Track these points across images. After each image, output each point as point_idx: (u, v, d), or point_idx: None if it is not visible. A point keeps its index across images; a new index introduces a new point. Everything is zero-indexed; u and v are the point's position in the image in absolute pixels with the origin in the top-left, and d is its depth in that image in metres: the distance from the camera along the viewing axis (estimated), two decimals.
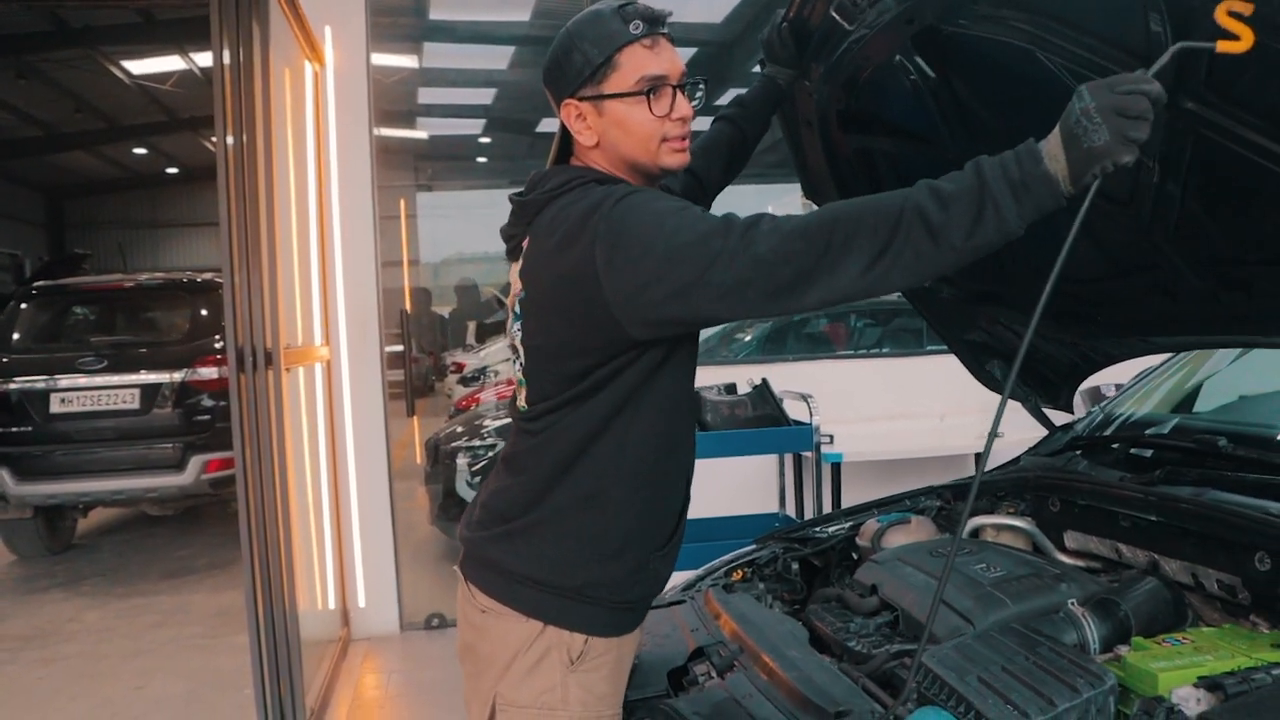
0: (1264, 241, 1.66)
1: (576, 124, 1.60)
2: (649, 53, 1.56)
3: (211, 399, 6.40)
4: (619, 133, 1.58)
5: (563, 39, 1.60)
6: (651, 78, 1.56)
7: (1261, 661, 1.42)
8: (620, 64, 1.55)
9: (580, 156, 1.65)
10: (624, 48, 1.55)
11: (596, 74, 1.56)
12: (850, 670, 1.73)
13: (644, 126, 1.57)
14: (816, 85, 2.02)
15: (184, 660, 4.79)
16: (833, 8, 1.78)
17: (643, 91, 1.55)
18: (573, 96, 1.59)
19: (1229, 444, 2.01)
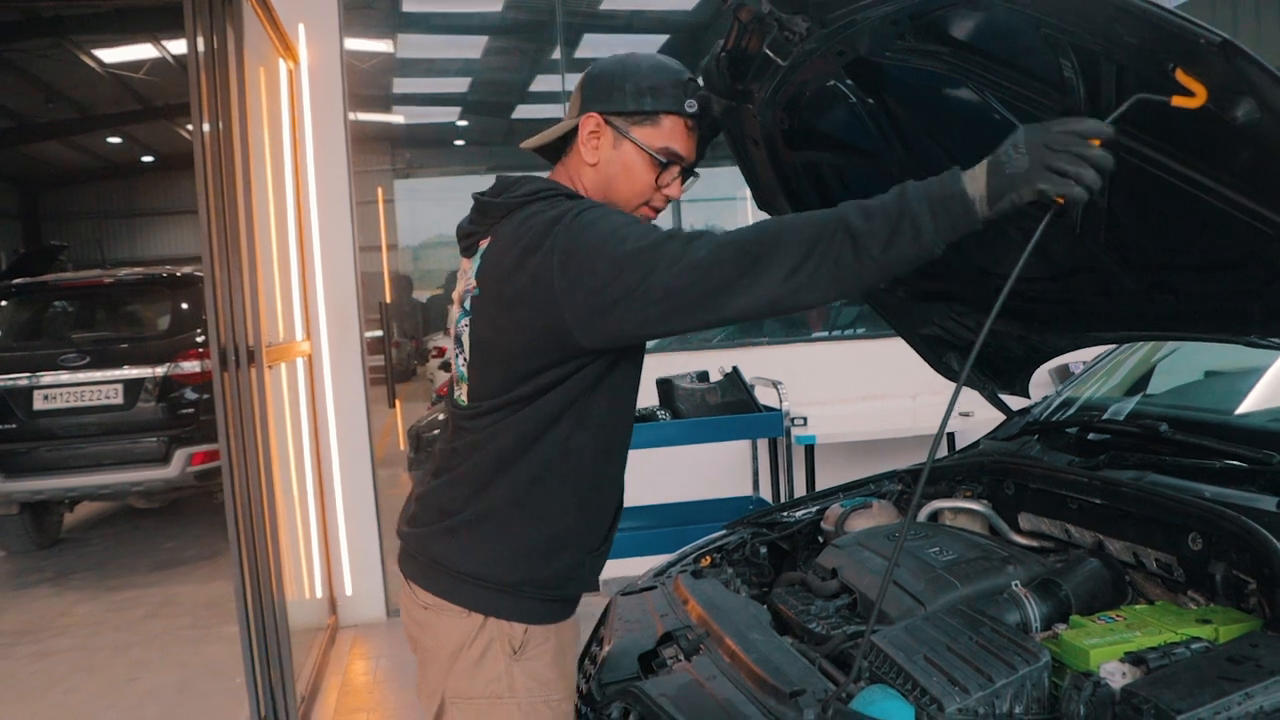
0: (1185, 250, 1.76)
1: (589, 137, 1.69)
2: (685, 132, 1.71)
3: (195, 392, 6.45)
4: (619, 171, 1.69)
5: (628, 65, 1.70)
6: (673, 154, 1.70)
7: (1185, 636, 1.52)
8: (660, 124, 1.68)
9: (570, 163, 1.74)
10: (671, 114, 1.68)
11: (635, 116, 1.68)
12: (808, 651, 1.82)
13: (642, 183, 1.70)
14: (759, 108, 2.10)
15: (175, 651, 4.87)
16: (765, 44, 1.86)
17: (660, 160, 1.68)
18: (601, 114, 1.68)
19: (1170, 429, 2.11)
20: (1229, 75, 1.23)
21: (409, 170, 10.68)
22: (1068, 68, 1.51)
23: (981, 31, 1.63)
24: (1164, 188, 1.60)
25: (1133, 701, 1.35)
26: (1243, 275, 1.69)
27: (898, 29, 1.71)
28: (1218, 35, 1.20)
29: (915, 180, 1.42)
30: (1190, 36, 1.23)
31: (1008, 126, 1.83)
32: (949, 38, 1.69)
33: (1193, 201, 1.58)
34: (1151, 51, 1.30)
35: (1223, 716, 1.29)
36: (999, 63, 1.67)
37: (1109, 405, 2.65)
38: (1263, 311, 1.70)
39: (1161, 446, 2.10)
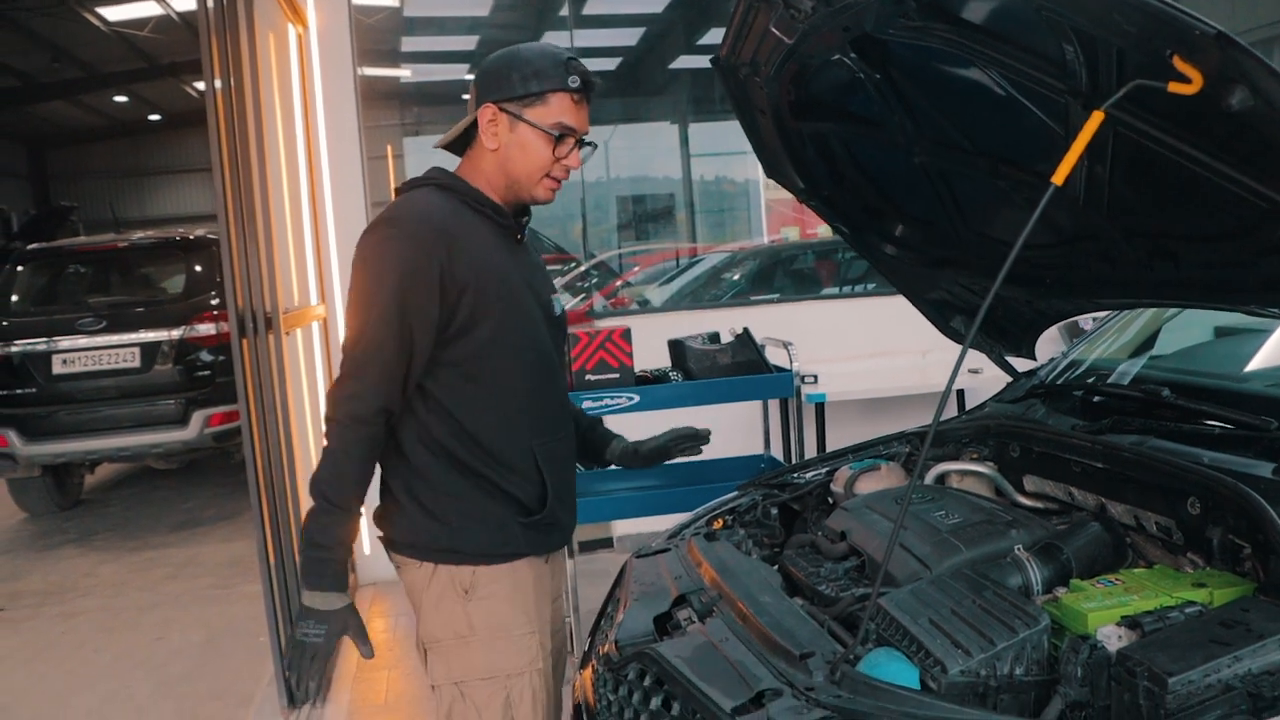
0: (1184, 220, 1.79)
1: (488, 126, 1.88)
2: (573, 106, 1.88)
3: (210, 354, 6.54)
4: (518, 151, 1.88)
5: (510, 56, 1.89)
6: (565, 127, 1.87)
7: (1180, 600, 1.58)
8: (548, 102, 1.86)
9: (474, 153, 1.93)
10: (557, 92, 1.86)
11: (525, 99, 1.85)
12: (817, 613, 1.89)
13: (539, 158, 1.88)
14: (765, 82, 2.12)
15: (199, 610, 5.00)
16: (772, 23, 1.89)
17: (554, 134, 1.86)
18: (495, 103, 1.86)
19: (1171, 395, 2.15)
20: (1224, 64, 1.26)
21: (418, 127, 10.65)
22: (1069, 49, 1.54)
23: (984, 11, 1.66)
24: (1163, 162, 1.63)
25: (1127, 664, 1.40)
26: (1239, 246, 1.72)
27: (901, 8, 1.74)
28: (1212, 27, 1.24)
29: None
30: (1186, 27, 1.26)
31: (1011, 101, 1.87)
32: (952, 17, 1.71)
33: (1191, 176, 1.61)
34: (1149, 39, 1.33)
35: (1212, 678, 1.35)
36: (1002, 41, 1.69)
37: (1116, 366, 2.69)
38: (1259, 282, 1.74)
39: (1164, 411, 2.14)
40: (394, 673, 3.98)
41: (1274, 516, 1.60)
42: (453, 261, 1.80)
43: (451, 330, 1.83)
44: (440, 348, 1.83)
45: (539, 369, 1.96)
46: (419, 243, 1.79)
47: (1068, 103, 1.72)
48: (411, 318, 1.78)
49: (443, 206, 1.87)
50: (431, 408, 1.87)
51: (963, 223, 2.42)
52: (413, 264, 1.77)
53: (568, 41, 6.57)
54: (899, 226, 2.61)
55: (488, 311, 1.85)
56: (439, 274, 1.78)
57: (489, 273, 1.86)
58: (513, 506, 1.93)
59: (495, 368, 1.88)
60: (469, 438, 1.88)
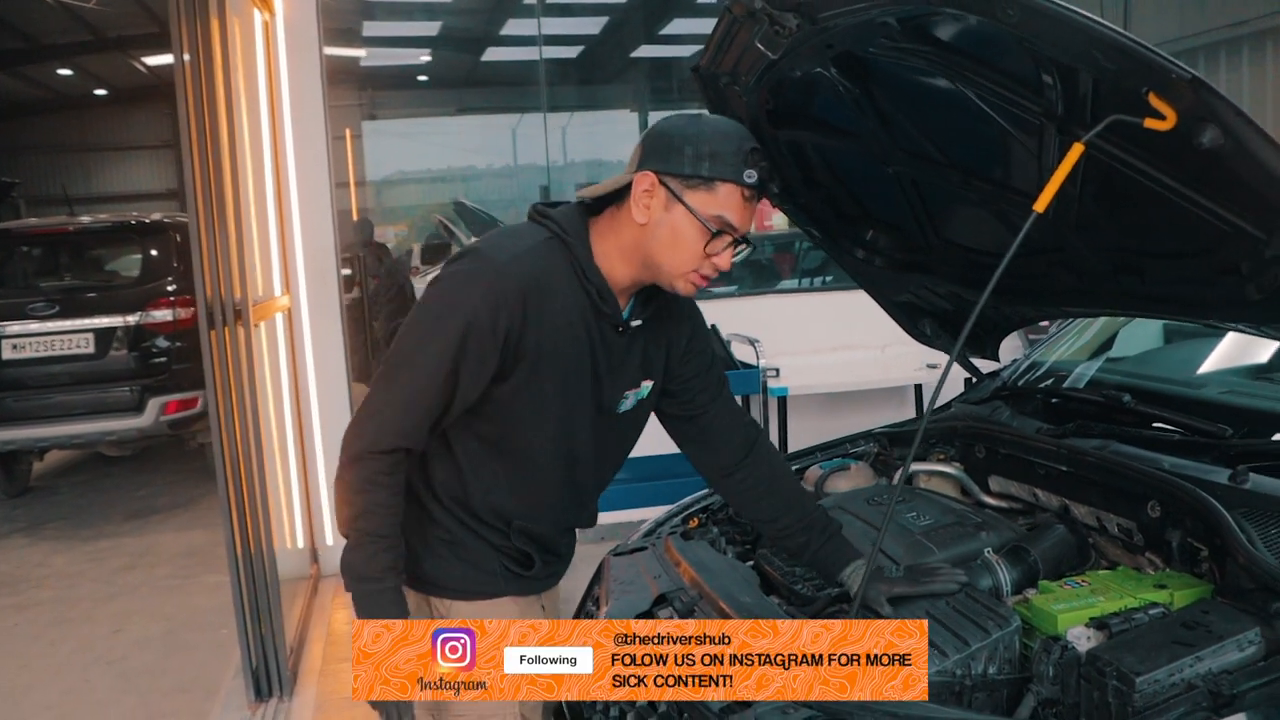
0: (1149, 238, 1.87)
1: (641, 195, 1.65)
2: (741, 202, 1.65)
3: (167, 341, 6.46)
4: (668, 235, 1.65)
5: (690, 127, 1.66)
6: (726, 223, 1.65)
7: (1144, 601, 1.66)
8: (716, 191, 1.63)
9: (618, 216, 1.71)
10: (729, 183, 1.63)
11: (693, 180, 1.63)
12: (795, 613, 1.95)
13: (691, 250, 1.65)
14: (745, 91, 2.17)
15: (158, 601, 4.95)
16: (756, 38, 1.92)
17: (711, 228, 1.64)
18: (658, 173, 1.64)
19: (1132, 400, 2.25)
20: (1197, 104, 1.34)
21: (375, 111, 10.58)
22: (1048, 79, 1.61)
23: (967, 36, 1.72)
24: (1132, 185, 1.70)
25: (1097, 664, 1.49)
26: (1201, 264, 1.81)
27: (886, 29, 1.79)
28: (1188, 71, 1.31)
29: None
30: (1164, 70, 1.33)
31: (986, 119, 1.93)
32: (935, 39, 1.77)
33: (1157, 198, 1.69)
34: (1128, 76, 1.40)
35: (1176, 677, 1.43)
36: (981, 65, 1.76)
37: (1076, 368, 2.79)
38: (1219, 298, 1.82)
39: (1125, 416, 2.23)
40: None
41: (1230, 522, 1.69)
42: (524, 328, 1.64)
43: (492, 391, 1.69)
44: (478, 401, 1.70)
45: (565, 461, 1.80)
46: (499, 297, 1.61)
47: (1042, 125, 1.78)
48: (463, 367, 1.63)
49: (546, 264, 1.68)
50: (441, 452, 1.77)
51: (932, 230, 2.49)
52: (484, 315, 1.61)
53: (534, 29, 6.56)
54: (870, 232, 2.67)
55: (532, 391, 1.70)
56: (505, 335, 1.63)
57: (554, 357, 1.69)
58: (500, 555, 1.82)
59: (516, 446, 1.76)
60: (463, 495, 1.78)
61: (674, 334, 1.88)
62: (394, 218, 14.65)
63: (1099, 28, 1.37)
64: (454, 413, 1.69)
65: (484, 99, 10.57)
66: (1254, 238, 1.59)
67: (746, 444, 1.96)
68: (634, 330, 1.79)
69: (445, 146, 12.21)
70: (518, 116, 10.40)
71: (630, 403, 1.85)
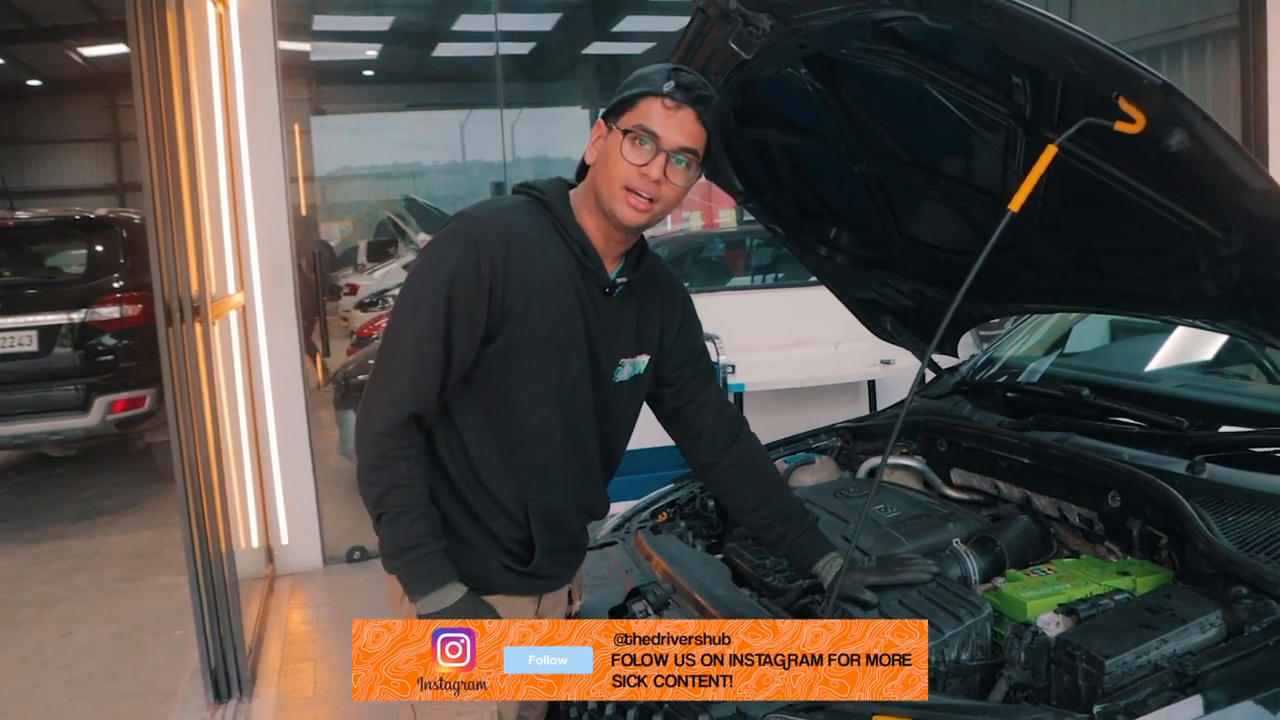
0: (1110, 236, 1.93)
1: (594, 139, 1.75)
2: (663, 111, 1.68)
3: (114, 339, 6.32)
4: (602, 160, 1.72)
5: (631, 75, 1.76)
6: (643, 128, 1.68)
7: (1108, 588, 1.72)
8: (637, 106, 1.69)
9: (588, 174, 1.79)
10: (648, 96, 1.69)
11: (620, 106, 1.71)
12: (770, 605, 1.99)
13: (616, 165, 1.69)
14: (715, 87, 2.19)
15: (108, 604, 4.86)
16: (730, 39, 1.94)
17: (628, 130, 1.68)
18: (604, 117, 1.74)
19: (1091, 394, 2.31)
20: (1166, 109, 1.39)
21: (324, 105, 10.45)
22: (1018, 82, 1.66)
23: (938, 39, 1.76)
24: (1095, 184, 1.76)
25: (1067, 649, 1.53)
26: (1160, 263, 1.88)
27: (859, 32, 1.83)
28: (1159, 77, 1.36)
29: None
30: (1136, 76, 1.39)
31: (954, 120, 1.99)
32: (907, 41, 1.81)
33: (1119, 197, 1.75)
34: (1099, 81, 1.45)
35: (1143, 659, 1.49)
36: (952, 68, 1.81)
37: (1033, 364, 2.86)
38: (1177, 295, 1.89)
39: (1084, 410, 2.30)
40: (320, 665, 3.97)
41: (1190, 510, 1.75)
42: (508, 277, 1.67)
43: (485, 352, 1.70)
44: (471, 366, 1.72)
45: (566, 426, 1.79)
46: (479, 245, 1.66)
47: (1010, 126, 1.84)
48: (455, 321, 1.66)
49: (526, 220, 1.74)
50: (443, 424, 1.77)
51: (896, 228, 2.54)
52: (467, 263, 1.65)
53: (491, 25, 6.54)
54: (834, 229, 2.71)
55: (523, 347, 1.72)
56: (489, 283, 1.66)
57: (541, 308, 1.71)
58: (498, 547, 1.80)
59: (514, 409, 1.75)
60: (469, 467, 1.77)
61: (667, 311, 1.92)
62: (339, 214, 14.47)
63: (1073, 33, 1.42)
64: (454, 375, 1.70)
65: (435, 95, 10.50)
66: (1212, 236, 1.66)
67: (731, 434, 2.00)
68: (624, 295, 1.82)
69: (394, 142, 12.11)
70: (466, 112, 10.34)
71: (626, 373, 1.86)
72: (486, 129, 9.47)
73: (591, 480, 1.91)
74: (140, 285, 6.42)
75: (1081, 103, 1.56)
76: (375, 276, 12.70)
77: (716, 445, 2.00)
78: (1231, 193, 1.49)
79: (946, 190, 2.25)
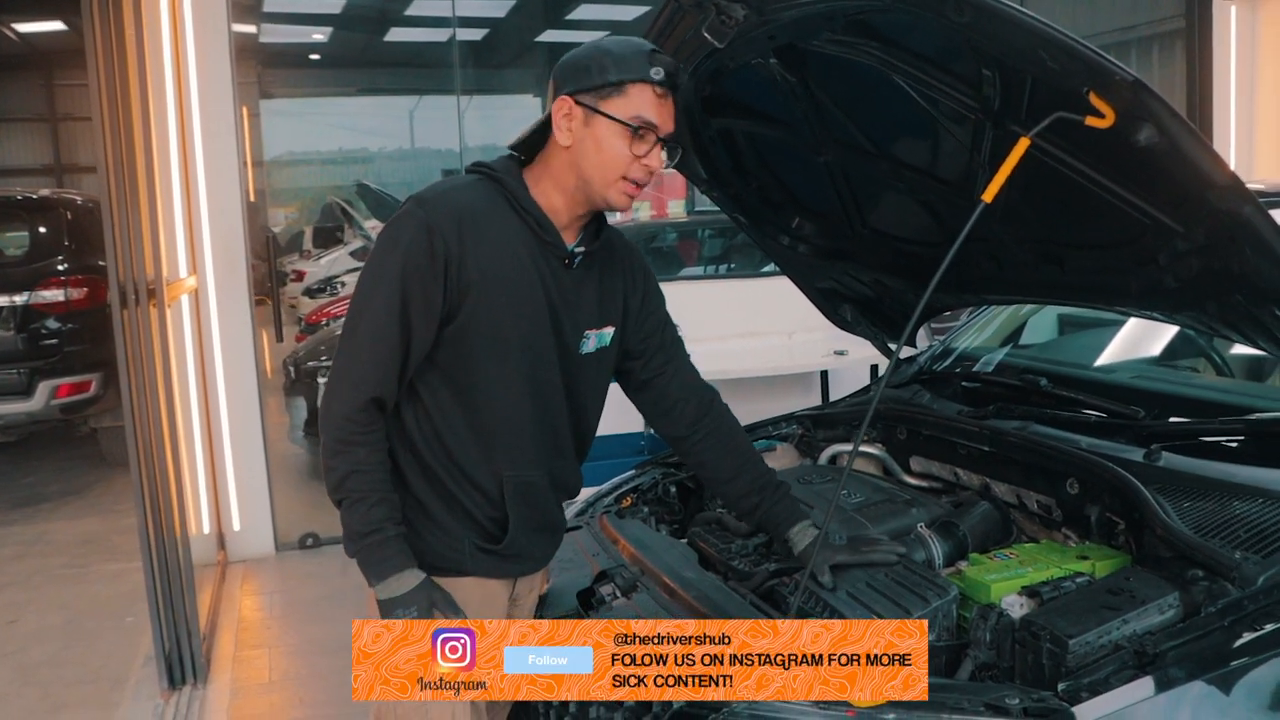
0: (1072, 229, 1.98)
1: (563, 120, 1.71)
2: (656, 100, 1.71)
3: (58, 322, 6.20)
4: (592, 148, 1.70)
5: (592, 48, 1.72)
6: (645, 120, 1.69)
7: (1069, 571, 1.77)
8: (628, 94, 1.69)
9: (546, 152, 1.77)
10: (638, 83, 1.69)
11: (603, 89, 1.69)
12: (737, 587, 2.01)
13: (616, 156, 1.70)
14: (681, 75, 2.21)
15: (54, 591, 4.77)
16: (704, 28, 1.95)
17: (632, 126, 1.69)
18: (572, 95, 1.70)
19: (1049, 384, 2.37)
20: (1135, 104, 1.43)
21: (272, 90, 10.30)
22: (988, 75, 1.69)
23: (911, 32, 1.79)
24: (1059, 177, 1.80)
25: (1031, 629, 1.58)
26: (1121, 256, 1.92)
27: (831, 23, 1.85)
28: (1129, 73, 1.40)
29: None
30: (1107, 71, 1.42)
31: (921, 112, 2.02)
32: (879, 34, 1.84)
33: (1082, 190, 1.79)
34: (1070, 76, 1.49)
35: (1105, 639, 1.53)
36: (922, 60, 1.84)
37: (988, 354, 2.92)
38: (1138, 288, 1.94)
39: (1043, 399, 2.36)
40: (274, 651, 3.93)
41: (1148, 496, 1.81)
42: (463, 254, 1.68)
43: (447, 331, 1.71)
44: (434, 346, 1.73)
45: (534, 399, 1.80)
46: (431, 226, 1.66)
47: (978, 119, 1.87)
48: (412, 303, 1.67)
49: (478, 197, 1.74)
50: (412, 405, 1.78)
51: (859, 218, 2.57)
52: (420, 245, 1.66)
53: (445, 9, 6.48)
54: (796, 219, 2.73)
55: (486, 322, 1.72)
56: (444, 263, 1.66)
57: (499, 283, 1.72)
58: (471, 527, 1.80)
59: (481, 385, 1.76)
60: (441, 446, 1.77)
61: (628, 281, 1.93)
62: (286, 200, 14.26)
63: (1047, 29, 1.45)
64: (415, 356, 1.71)
65: (386, 80, 10.39)
66: (1173, 231, 1.70)
67: (704, 406, 2.02)
68: (585, 266, 1.83)
69: (342, 128, 11.95)
70: (416, 98, 10.25)
71: (592, 344, 1.87)
72: (437, 115, 9.41)
73: (563, 455, 1.91)
74: (85, 268, 6.30)
75: (1050, 97, 1.59)
76: (322, 263, 12.56)
77: (689, 417, 2.00)
78: (1196, 187, 1.53)
79: (911, 182, 2.29)
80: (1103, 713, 1.40)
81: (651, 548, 2.21)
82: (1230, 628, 1.53)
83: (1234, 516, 1.73)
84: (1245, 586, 1.56)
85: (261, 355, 5.05)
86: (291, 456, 6.38)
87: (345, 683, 1.55)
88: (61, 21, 13.89)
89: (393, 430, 1.78)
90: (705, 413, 2.02)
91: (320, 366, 6.40)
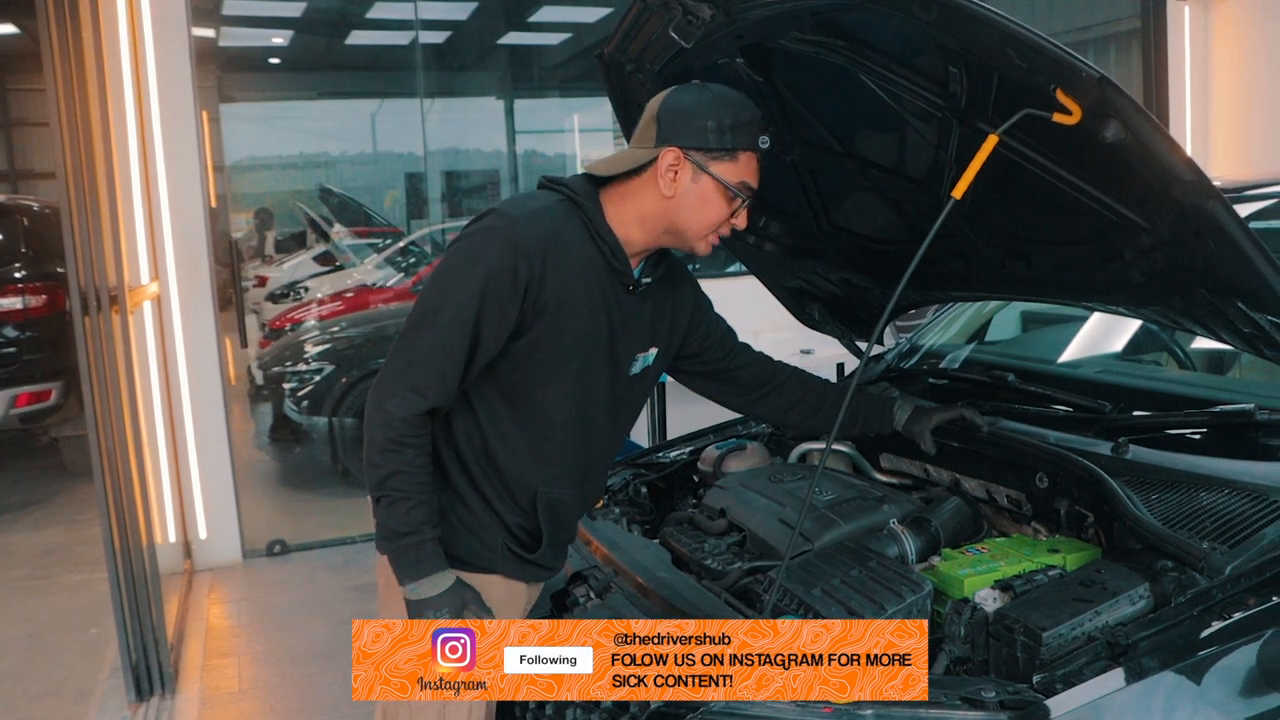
0: (1038, 225, 2.00)
1: (668, 170, 1.75)
2: (757, 166, 1.80)
3: (16, 330, 6.09)
4: (695, 203, 1.76)
5: (706, 100, 1.75)
6: (749, 189, 1.79)
7: (1041, 565, 1.79)
8: (739, 161, 1.76)
9: (633, 188, 1.79)
10: (750, 151, 1.77)
11: (716, 152, 1.74)
12: (711, 586, 2.01)
13: (715, 215, 1.78)
14: (649, 77, 2.21)
15: (16, 603, 4.69)
16: (671, 27, 1.96)
17: (739, 195, 1.77)
18: (683, 149, 1.74)
19: (1017, 379, 2.39)
20: (1102, 102, 1.45)
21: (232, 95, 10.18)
22: (955, 73, 1.70)
23: (878, 31, 1.80)
24: (1026, 174, 1.82)
25: (1005, 622, 1.59)
26: (1087, 252, 1.94)
27: (798, 23, 1.86)
28: (1096, 70, 1.42)
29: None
30: (1074, 68, 1.44)
31: (888, 110, 2.03)
32: (845, 33, 1.85)
33: (1048, 187, 1.81)
34: (1037, 73, 1.50)
35: (1078, 630, 1.55)
36: (889, 59, 1.85)
37: (955, 351, 2.94)
38: (1103, 283, 1.96)
39: (1011, 395, 2.38)
40: (243, 659, 3.88)
41: (1117, 489, 1.83)
42: (544, 278, 1.70)
43: (513, 347, 1.74)
44: (497, 357, 1.74)
45: (582, 421, 1.84)
46: (519, 247, 1.67)
47: (945, 117, 1.89)
48: (484, 319, 1.68)
49: (561, 220, 1.75)
50: (462, 413, 1.80)
51: (826, 217, 2.59)
52: (505, 265, 1.67)
53: (412, 13, 6.44)
54: (763, 219, 2.74)
55: (552, 344, 1.75)
56: (525, 285, 1.68)
57: (572, 309, 1.75)
58: (504, 531, 1.83)
59: (537, 402, 1.79)
60: (487, 457, 1.80)
61: (678, 302, 1.99)
62: (247, 205, 14.10)
63: (1014, 26, 1.46)
64: (476, 368, 1.72)
65: (348, 83, 10.30)
66: (1139, 226, 1.73)
67: (768, 372, 2.19)
68: (643, 292, 1.87)
69: (304, 132, 11.83)
70: (379, 102, 10.16)
71: (639, 366, 1.92)
72: (400, 119, 9.34)
73: (599, 473, 1.99)
74: (44, 275, 6.20)
75: (1017, 94, 1.61)
76: (285, 269, 12.44)
77: (760, 388, 2.17)
78: (1162, 183, 1.55)
79: (878, 180, 2.30)
80: (1077, 704, 1.42)
81: (624, 548, 2.21)
82: (1199, 617, 1.55)
83: (1201, 507, 1.75)
84: (1213, 576, 1.58)
85: (226, 361, 4.98)
86: (257, 463, 6.31)
87: (315, 689, 1.54)
88: (14, 25, 13.65)
89: (438, 431, 1.80)
90: (772, 376, 2.18)
91: (286, 372, 6.34)
